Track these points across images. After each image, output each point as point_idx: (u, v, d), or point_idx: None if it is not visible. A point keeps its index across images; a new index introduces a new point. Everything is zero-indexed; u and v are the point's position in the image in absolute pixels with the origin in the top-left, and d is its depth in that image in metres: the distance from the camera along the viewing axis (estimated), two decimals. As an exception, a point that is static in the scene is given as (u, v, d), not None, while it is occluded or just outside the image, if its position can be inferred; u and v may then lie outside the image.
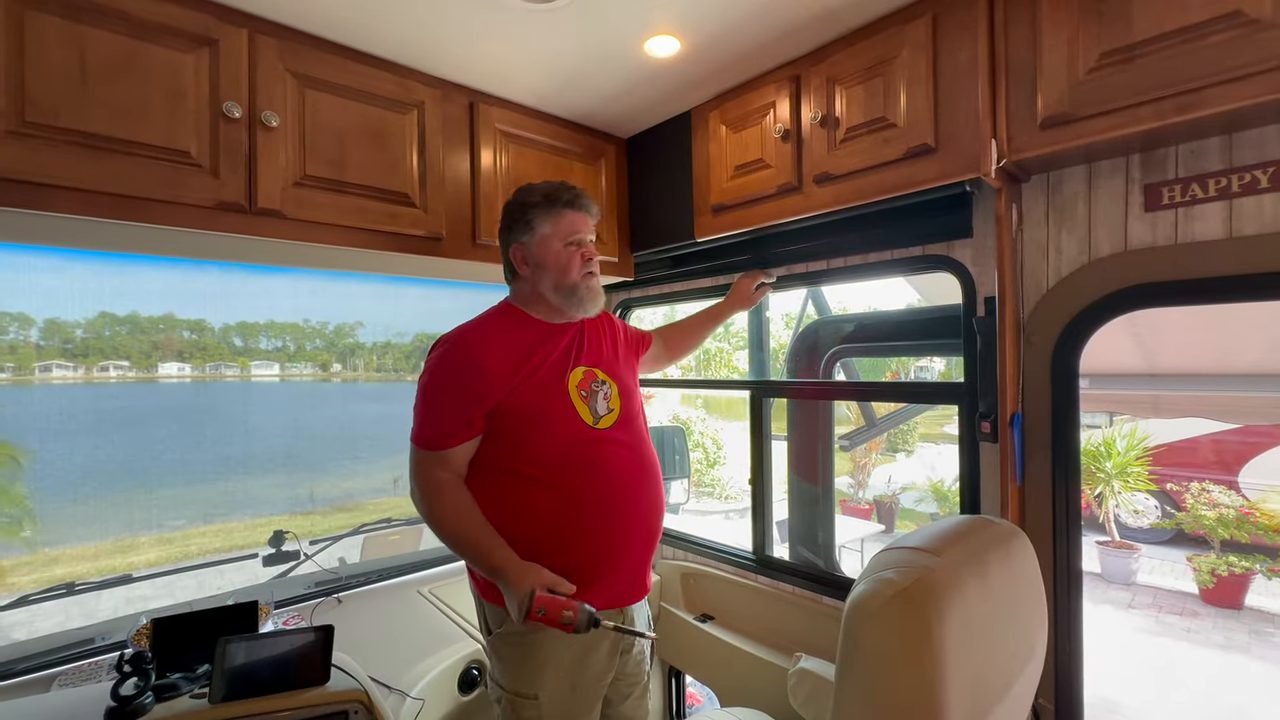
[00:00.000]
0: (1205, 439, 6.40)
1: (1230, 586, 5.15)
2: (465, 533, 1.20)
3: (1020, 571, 0.96)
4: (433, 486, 1.22)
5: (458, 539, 1.21)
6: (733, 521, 7.49)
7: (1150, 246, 1.16)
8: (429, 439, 1.23)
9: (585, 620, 1.13)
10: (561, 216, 1.30)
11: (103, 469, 4.11)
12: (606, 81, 1.64)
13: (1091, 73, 1.07)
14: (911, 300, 3.63)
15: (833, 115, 1.42)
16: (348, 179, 1.42)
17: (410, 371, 5.53)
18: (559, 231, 1.30)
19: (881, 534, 6.99)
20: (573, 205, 1.31)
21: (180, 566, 1.96)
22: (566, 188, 1.32)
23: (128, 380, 4.17)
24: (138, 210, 1.16)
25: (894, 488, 7.45)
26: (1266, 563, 5.09)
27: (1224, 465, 6.20)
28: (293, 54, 1.33)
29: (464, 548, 1.21)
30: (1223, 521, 5.50)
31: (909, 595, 0.76)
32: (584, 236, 1.33)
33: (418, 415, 1.25)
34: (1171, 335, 3.14)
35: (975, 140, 1.20)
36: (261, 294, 4.83)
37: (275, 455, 4.84)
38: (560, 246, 1.30)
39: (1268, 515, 5.36)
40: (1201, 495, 5.86)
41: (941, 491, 6.89)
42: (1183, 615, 5.13)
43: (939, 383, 1.61)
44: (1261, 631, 4.83)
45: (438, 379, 1.23)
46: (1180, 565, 5.77)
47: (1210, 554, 5.39)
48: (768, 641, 1.77)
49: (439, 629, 1.69)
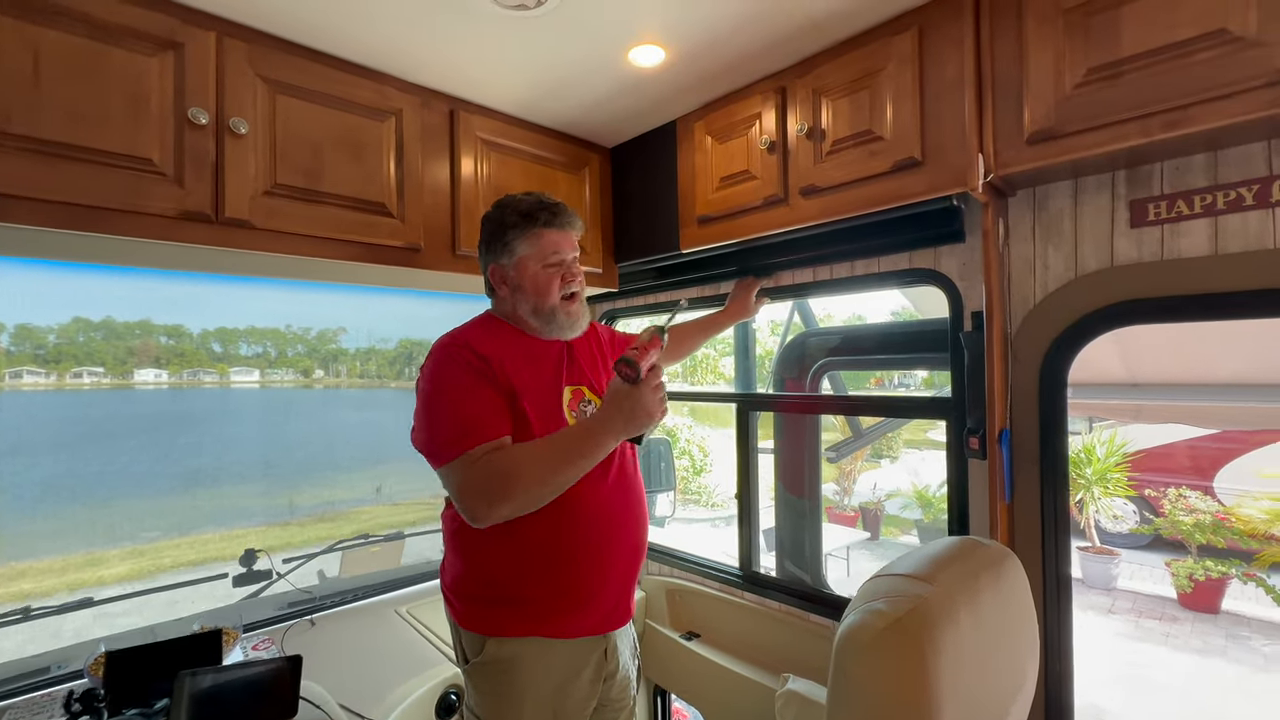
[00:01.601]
0: (1181, 445, 6.51)
1: (1207, 591, 5.22)
2: (546, 464, 1.05)
3: (1011, 595, 0.94)
4: (483, 483, 1.04)
5: (552, 474, 1.05)
6: (719, 529, 7.48)
7: (1136, 262, 1.15)
8: (455, 440, 1.06)
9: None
10: (540, 237, 1.22)
11: (71, 478, 3.99)
12: (590, 90, 1.61)
13: (1079, 88, 1.06)
14: (903, 309, 3.64)
15: (819, 127, 1.41)
16: (322, 188, 1.37)
17: (394, 378, 5.45)
18: (537, 253, 1.23)
19: (867, 541, 7.01)
20: (552, 224, 1.23)
21: (145, 589, 1.88)
22: (545, 205, 1.24)
23: (102, 387, 4.06)
24: (97, 220, 1.11)
25: (879, 494, 7.48)
26: (1242, 567, 5.17)
27: (1199, 470, 6.31)
28: (263, 58, 1.28)
29: (563, 467, 1.06)
30: (1199, 527, 5.59)
31: (902, 627, 0.73)
32: (565, 256, 1.25)
33: (431, 429, 1.11)
34: (1152, 346, 3.18)
35: (962, 154, 1.19)
36: (242, 299, 4.74)
37: (253, 464, 4.73)
38: (538, 269, 1.23)
39: (1243, 520, 5.46)
40: (1179, 501, 5.96)
41: (926, 498, 6.93)
42: (1162, 620, 5.19)
43: (927, 397, 1.59)
44: (1238, 635, 4.91)
45: (446, 378, 1.14)
46: (1159, 570, 5.85)
47: (1188, 559, 5.48)
48: (755, 660, 1.73)
49: (416, 652, 1.63)
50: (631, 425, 1.07)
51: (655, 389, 1.04)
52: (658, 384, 1.04)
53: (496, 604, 1.19)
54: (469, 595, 1.22)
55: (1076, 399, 4.61)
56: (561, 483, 1.07)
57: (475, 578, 1.21)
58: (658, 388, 1.04)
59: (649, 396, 1.04)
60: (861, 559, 6.32)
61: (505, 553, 1.17)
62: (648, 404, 1.04)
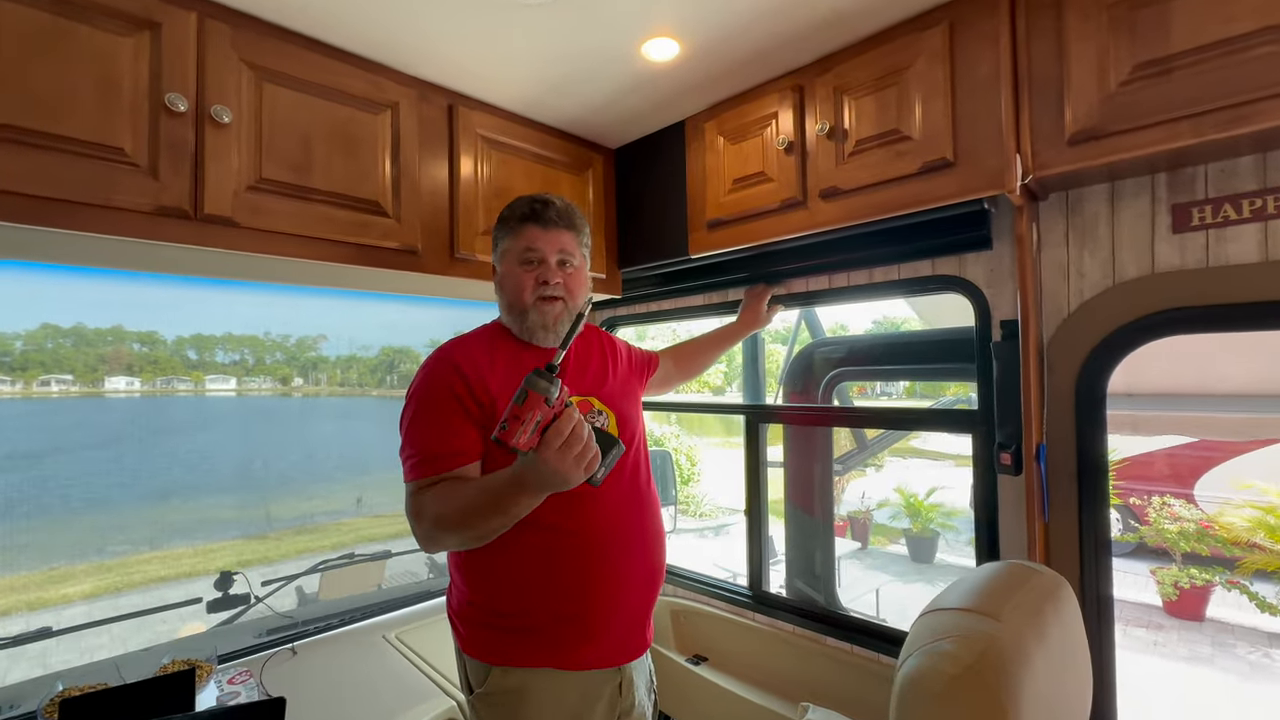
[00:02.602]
0: (1161, 453, 6.60)
1: (1192, 598, 5.26)
2: (467, 515, 0.95)
3: (1071, 627, 0.86)
4: (419, 515, 1.00)
5: (471, 526, 0.95)
6: (706, 540, 7.39)
7: (1179, 269, 1.10)
8: (414, 468, 1.03)
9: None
10: (519, 233, 1.15)
11: (34, 489, 3.79)
12: (598, 87, 1.53)
13: (1124, 85, 1.01)
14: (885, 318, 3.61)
15: (840, 127, 1.35)
16: (311, 184, 1.27)
17: (375, 386, 5.31)
18: (514, 248, 1.16)
19: (858, 551, 6.97)
20: (533, 220, 1.15)
21: (109, 617, 1.73)
22: (536, 201, 1.17)
23: (70, 395, 3.90)
24: (61, 215, 1.00)
25: (868, 504, 7.45)
26: (1225, 574, 5.23)
27: (1178, 479, 6.40)
28: (249, 43, 1.18)
29: (478, 523, 0.95)
30: (1184, 535, 5.64)
31: (976, 673, 0.65)
32: (542, 254, 1.15)
33: (402, 447, 1.07)
34: (1153, 357, 3.18)
35: (997, 155, 1.13)
36: (219, 304, 4.60)
37: (228, 475, 4.55)
38: (514, 265, 1.16)
39: (1225, 528, 5.52)
40: (1164, 509, 6.02)
41: (915, 506, 6.91)
42: (1149, 628, 5.21)
43: (951, 410, 1.53)
44: (1224, 643, 4.94)
45: (421, 399, 1.08)
46: (1143, 578, 5.89)
47: (1172, 566, 5.52)
48: (768, 686, 1.65)
49: (408, 683, 1.52)
50: (547, 488, 0.90)
51: (561, 449, 0.82)
52: (563, 443, 0.82)
53: (502, 631, 1.11)
54: (474, 621, 1.14)
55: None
56: (487, 532, 0.97)
57: (479, 602, 1.13)
58: (565, 446, 0.82)
59: (553, 461, 0.83)
60: (852, 568, 6.27)
61: (509, 575, 1.10)
62: (555, 469, 0.83)
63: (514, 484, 0.90)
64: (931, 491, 6.87)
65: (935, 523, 6.71)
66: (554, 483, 0.86)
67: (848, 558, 6.19)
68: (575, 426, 0.83)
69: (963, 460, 9.08)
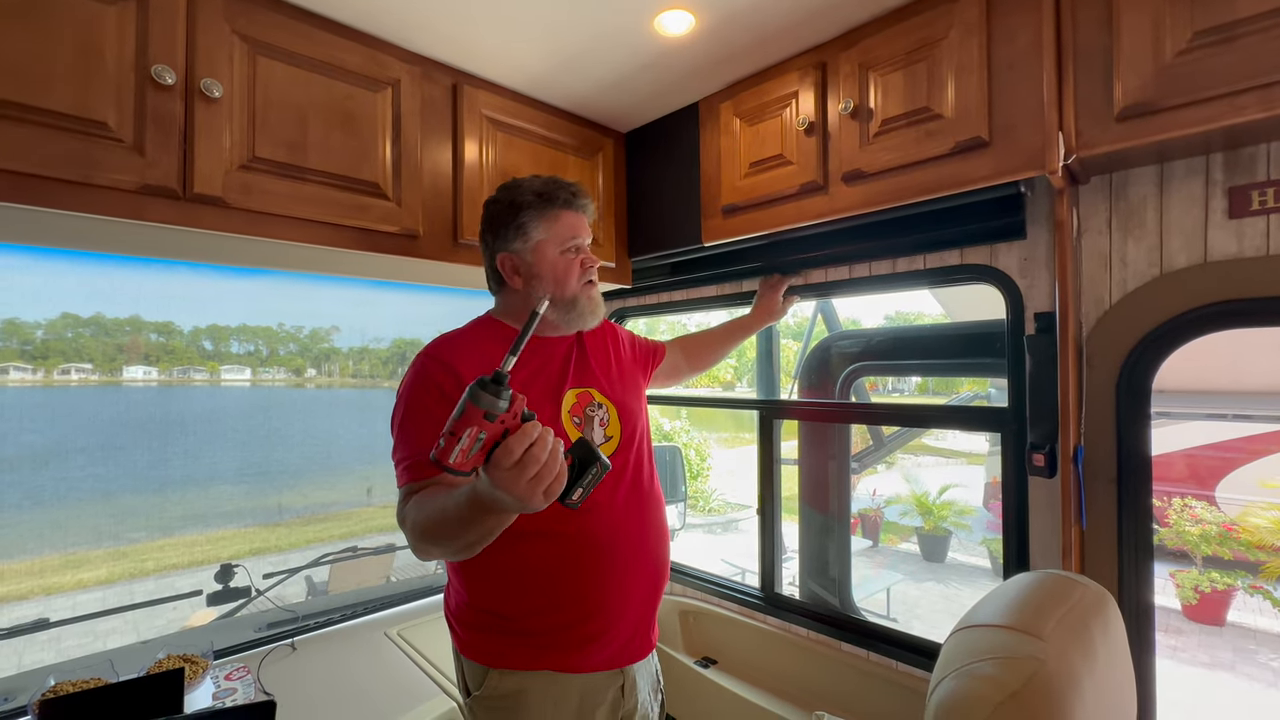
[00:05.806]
0: (1180, 454, 6.45)
1: (1213, 603, 5.13)
2: (437, 531, 0.86)
3: (1117, 646, 0.79)
4: (404, 521, 0.95)
5: (436, 531, 0.87)
6: (715, 535, 7.34)
7: (1236, 258, 1.01)
8: (404, 472, 0.99)
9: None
10: (558, 218, 1.12)
11: (51, 478, 3.82)
12: (609, 64, 1.46)
13: (1181, 55, 0.92)
14: (897, 313, 3.52)
15: (865, 105, 1.26)
16: (307, 164, 1.21)
17: (387, 378, 5.29)
18: (555, 235, 1.11)
19: (869, 549, 6.89)
20: (570, 205, 1.13)
21: (108, 609, 1.70)
22: (562, 184, 1.14)
23: (90, 384, 3.93)
24: (39, 192, 0.94)
25: (879, 501, 7.35)
26: (1248, 579, 5.09)
27: (1199, 480, 6.24)
28: (242, 14, 1.12)
29: (445, 531, 0.86)
30: (1206, 537, 5.50)
31: (1022, 701, 0.59)
32: (582, 240, 1.15)
33: (393, 448, 1.03)
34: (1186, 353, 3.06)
35: (1038, 133, 1.05)
36: (234, 295, 4.61)
37: (242, 464, 4.57)
38: (556, 254, 1.12)
39: (1248, 531, 5.37)
40: (1184, 511, 5.87)
41: (926, 504, 6.81)
42: (1167, 632, 5.09)
43: (978, 407, 1.45)
44: (1245, 649, 4.82)
45: (410, 401, 1.03)
46: (1162, 580, 5.76)
47: (1192, 569, 5.39)
48: (779, 692, 1.58)
49: (409, 681, 1.47)
50: (509, 511, 0.79)
51: (513, 471, 0.70)
52: (515, 464, 0.70)
53: (500, 633, 1.07)
54: (471, 623, 1.10)
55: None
56: (464, 546, 0.87)
57: (477, 604, 1.09)
58: (518, 467, 0.70)
59: (504, 484, 0.71)
60: (862, 566, 6.20)
61: (506, 577, 1.05)
62: (508, 492, 0.71)
63: (472, 504, 0.78)
64: (944, 489, 6.76)
65: (948, 521, 6.61)
66: (512, 507, 0.75)
67: (858, 555, 6.12)
68: (533, 446, 0.70)
69: (975, 458, 8.95)
